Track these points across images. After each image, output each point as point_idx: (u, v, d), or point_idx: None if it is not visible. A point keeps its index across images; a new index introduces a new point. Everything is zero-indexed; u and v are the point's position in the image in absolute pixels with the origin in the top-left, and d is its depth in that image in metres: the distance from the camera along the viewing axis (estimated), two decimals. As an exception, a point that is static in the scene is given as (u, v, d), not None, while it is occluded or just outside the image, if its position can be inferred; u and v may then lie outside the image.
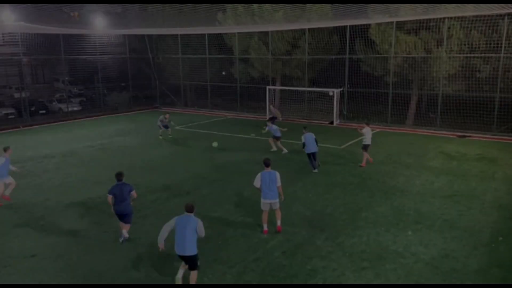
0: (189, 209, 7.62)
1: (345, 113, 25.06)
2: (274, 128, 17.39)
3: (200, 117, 27.66)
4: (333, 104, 24.38)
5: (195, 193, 12.61)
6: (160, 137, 20.55)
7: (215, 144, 17.86)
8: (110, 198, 9.40)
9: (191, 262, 7.49)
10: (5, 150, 12.26)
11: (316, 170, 14.69)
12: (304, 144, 14.56)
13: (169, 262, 8.55)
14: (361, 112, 24.49)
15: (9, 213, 11.34)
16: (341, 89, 24.77)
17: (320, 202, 11.85)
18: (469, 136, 20.40)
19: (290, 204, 11.48)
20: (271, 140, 17.83)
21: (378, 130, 22.37)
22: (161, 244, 7.66)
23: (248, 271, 8.23)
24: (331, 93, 24.48)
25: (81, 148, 18.83)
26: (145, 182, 13.63)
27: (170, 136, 20.68)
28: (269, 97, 26.62)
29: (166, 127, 20.68)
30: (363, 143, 15.26)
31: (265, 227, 9.85)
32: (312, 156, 14.59)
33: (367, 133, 15.13)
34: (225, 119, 26.61)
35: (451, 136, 20.68)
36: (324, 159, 16.29)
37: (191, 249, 7.36)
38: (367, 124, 15.51)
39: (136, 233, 9.93)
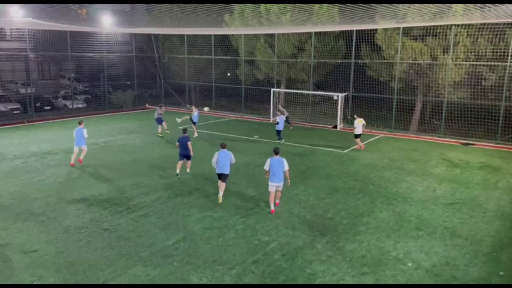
0: (224, 146, 11.74)
1: (349, 117, 25.02)
2: (196, 115, 20.82)
3: (204, 117, 27.68)
4: (337, 108, 24.37)
5: (197, 193, 12.62)
6: (159, 135, 21.06)
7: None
8: (177, 144, 13.90)
9: (225, 177, 11.73)
10: (80, 123, 15.38)
11: (282, 141, 19.55)
12: (278, 123, 19.75)
13: (169, 262, 8.60)
14: (365, 117, 24.38)
15: (11, 208, 11.41)
16: (346, 93, 24.75)
17: (321, 206, 11.83)
18: (473, 144, 20.32)
19: (291, 207, 11.50)
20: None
21: (381, 135, 22.36)
22: (215, 165, 11.72)
23: (248, 273, 8.22)
24: (335, 97, 24.49)
25: (84, 145, 18.89)
26: (147, 180, 13.67)
27: (168, 132, 21.02)
28: (273, 99, 26.66)
29: (162, 121, 21.03)
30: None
31: (272, 207, 11.22)
32: (279, 132, 19.85)
33: (357, 125, 18.32)
34: (229, 120, 26.63)
35: (455, 143, 20.62)
36: (327, 163, 16.36)
37: (227, 169, 11.64)
38: (358, 116, 18.85)
39: (137, 231, 9.96)
